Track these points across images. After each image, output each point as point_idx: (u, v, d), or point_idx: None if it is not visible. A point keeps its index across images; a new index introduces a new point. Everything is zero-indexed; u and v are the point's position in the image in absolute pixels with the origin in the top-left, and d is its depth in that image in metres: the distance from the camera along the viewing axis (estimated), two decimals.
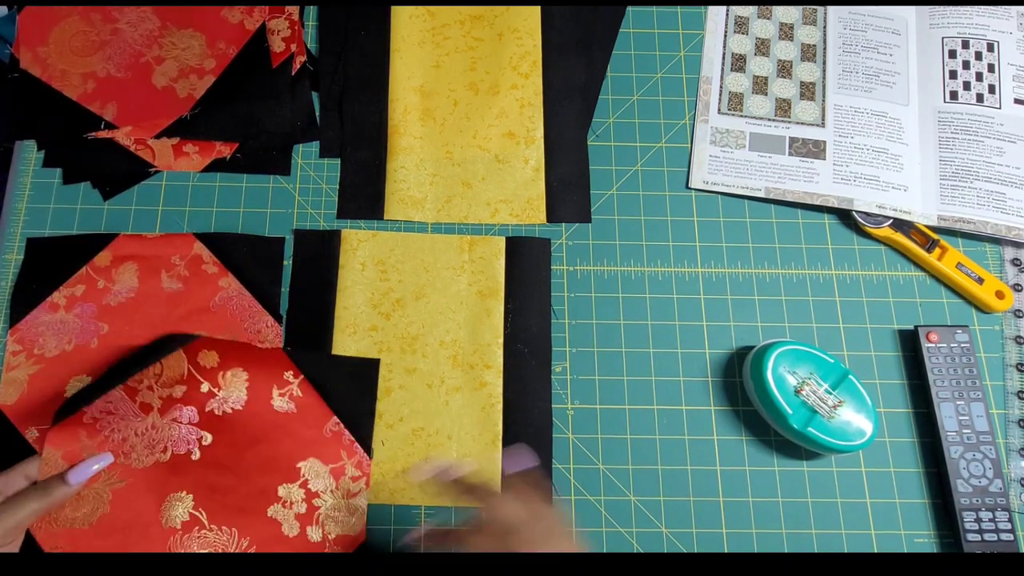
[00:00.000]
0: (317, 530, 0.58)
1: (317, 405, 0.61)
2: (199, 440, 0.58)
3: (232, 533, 0.57)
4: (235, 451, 0.58)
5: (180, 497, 0.57)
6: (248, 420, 0.59)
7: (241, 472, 0.58)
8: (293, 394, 0.60)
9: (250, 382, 0.60)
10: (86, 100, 0.70)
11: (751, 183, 0.71)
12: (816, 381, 0.61)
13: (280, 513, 0.58)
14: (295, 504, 0.58)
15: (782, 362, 0.62)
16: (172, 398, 0.58)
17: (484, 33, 0.74)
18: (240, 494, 0.57)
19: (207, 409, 0.58)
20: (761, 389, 0.61)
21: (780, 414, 0.60)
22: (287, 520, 0.58)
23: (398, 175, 0.69)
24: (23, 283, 0.65)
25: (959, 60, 0.74)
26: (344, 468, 0.60)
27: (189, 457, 0.57)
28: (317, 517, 0.58)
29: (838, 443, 0.59)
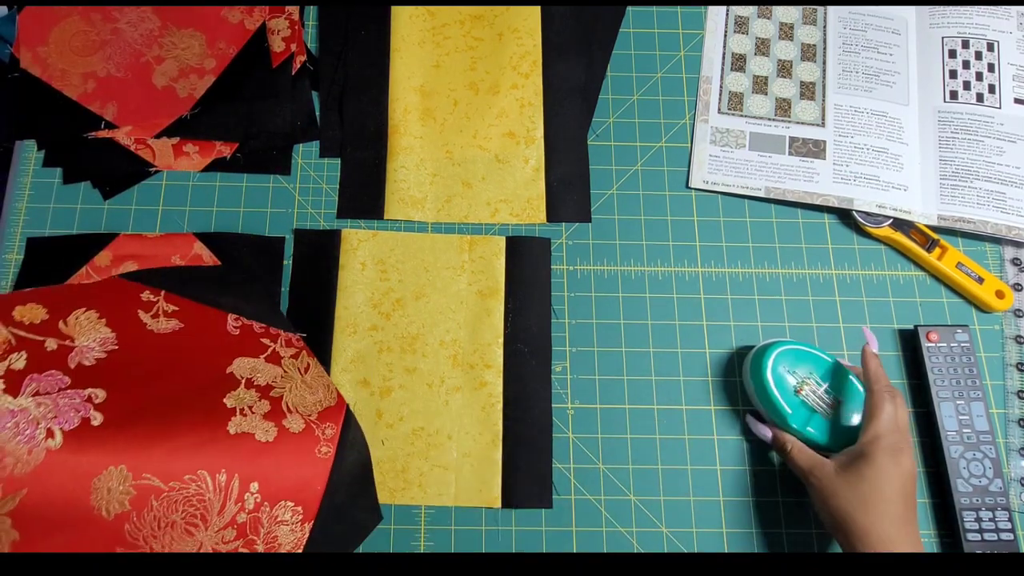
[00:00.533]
0: (296, 419, 0.51)
1: (200, 312, 0.53)
2: (90, 400, 0.46)
3: (201, 476, 0.46)
4: (145, 391, 0.48)
5: (109, 474, 0.45)
6: (134, 354, 0.49)
7: (170, 409, 0.48)
8: (166, 310, 0.52)
9: (105, 317, 0.51)
10: (86, 100, 0.70)
11: (751, 183, 0.71)
12: (816, 381, 0.61)
13: (245, 423, 0.49)
14: (255, 407, 0.50)
15: (782, 362, 0.62)
16: (13, 371, 0.46)
17: (484, 33, 0.74)
18: (183, 434, 0.47)
19: (73, 365, 0.47)
20: (761, 389, 0.61)
21: (780, 414, 0.60)
22: (257, 427, 0.49)
23: (398, 175, 0.69)
24: (23, 283, 0.65)
25: (959, 60, 0.74)
26: (278, 353, 0.53)
27: (89, 425, 0.45)
28: (286, 406, 0.51)
29: (838, 442, 0.59)
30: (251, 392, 0.51)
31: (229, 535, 0.47)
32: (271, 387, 0.51)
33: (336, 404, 0.52)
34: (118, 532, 0.45)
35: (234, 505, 0.47)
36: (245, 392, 0.50)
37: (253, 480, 0.47)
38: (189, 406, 0.48)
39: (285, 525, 0.49)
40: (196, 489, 0.46)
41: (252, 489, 0.47)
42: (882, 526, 0.51)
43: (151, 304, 0.53)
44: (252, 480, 0.47)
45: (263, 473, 0.48)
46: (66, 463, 0.44)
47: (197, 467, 0.46)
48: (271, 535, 0.48)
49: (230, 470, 0.47)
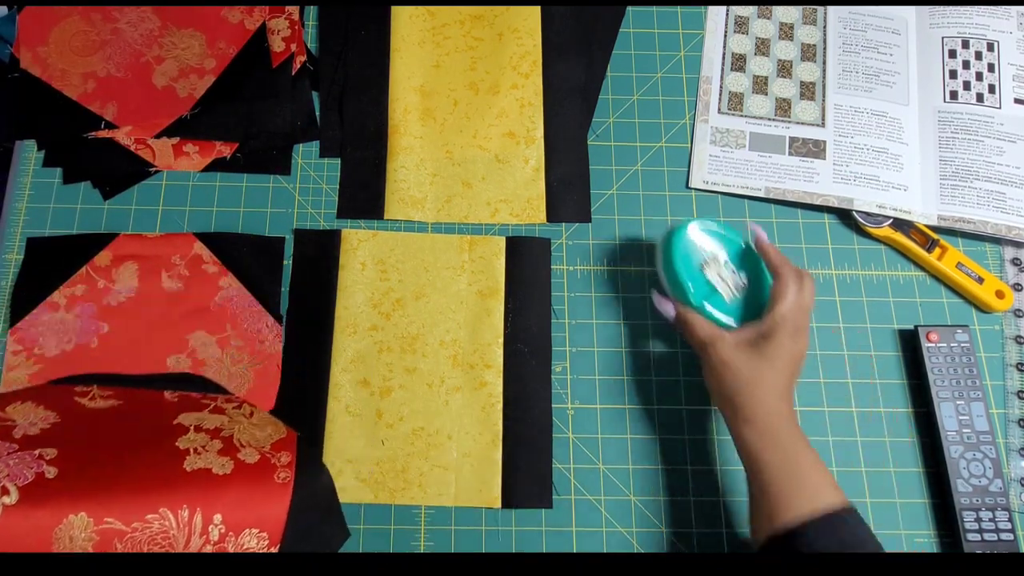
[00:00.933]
0: (250, 452, 0.51)
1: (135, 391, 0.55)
2: (41, 457, 0.46)
3: (163, 514, 0.46)
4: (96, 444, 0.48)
5: (69, 523, 0.45)
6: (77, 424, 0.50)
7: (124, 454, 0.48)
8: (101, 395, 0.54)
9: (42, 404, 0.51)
10: (86, 100, 0.70)
11: (751, 183, 0.71)
12: (723, 262, 0.60)
13: (200, 460, 0.49)
14: (207, 446, 0.50)
15: (692, 240, 0.60)
16: None
17: (484, 33, 0.74)
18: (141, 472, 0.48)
19: (18, 436, 0.48)
20: (667, 263, 0.60)
21: (682, 289, 0.59)
22: (213, 461, 0.50)
23: (398, 175, 0.69)
24: (23, 283, 0.65)
25: (959, 60, 0.74)
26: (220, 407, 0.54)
27: (44, 478, 0.45)
28: (238, 442, 0.52)
29: (737, 324, 0.58)
30: (201, 434, 0.51)
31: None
32: (220, 429, 0.52)
33: (287, 435, 0.53)
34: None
35: (199, 538, 0.47)
36: (195, 435, 0.51)
37: (216, 512, 0.48)
38: (143, 451, 0.49)
39: (252, 551, 0.50)
40: (160, 527, 0.46)
41: (215, 521, 0.48)
42: (769, 400, 0.53)
43: (85, 392, 0.55)
44: (215, 512, 0.48)
45: (225, 504, 0.48)
46: (24, 518, 0.44)
47: (158, 506, 0.47)
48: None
49: (192, 505, 0.47)
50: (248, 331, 0.65)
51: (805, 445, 0.53)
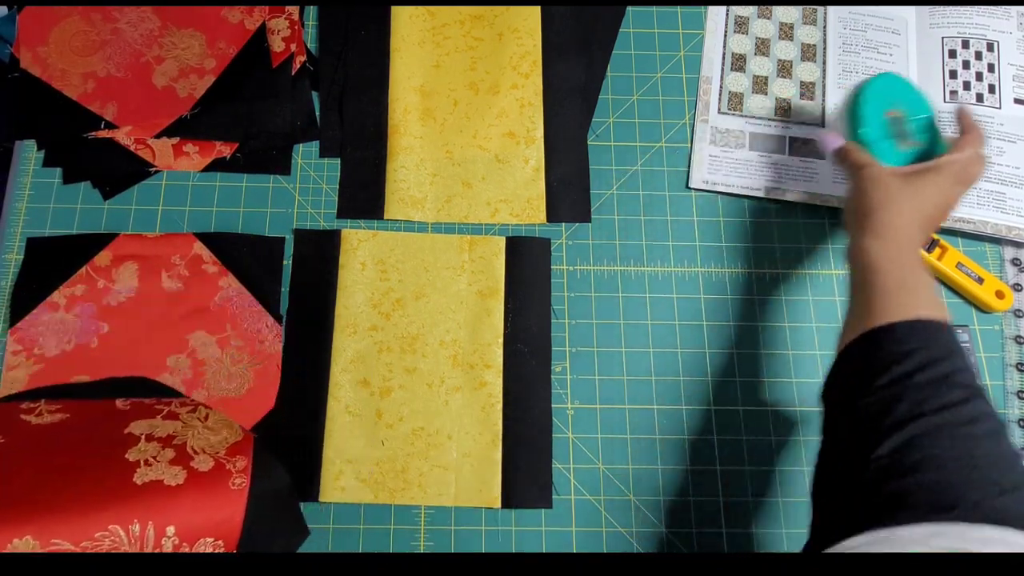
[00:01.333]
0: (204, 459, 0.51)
1: (85, 403, 0.54)
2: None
3: (113, 531, 0.46)
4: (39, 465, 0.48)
5: (14, 548, 0.44)
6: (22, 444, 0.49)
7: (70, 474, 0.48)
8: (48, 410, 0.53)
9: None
10: (86, 100, 0.70)
11: (751, 183, 0.71)
12: (908, 118, 0.62)
13: (151, 472, 0.49)
14: (159, 456, 0.50)
15: (893, 87, 0.63)
16: None
17: (484, 33, 0.74)
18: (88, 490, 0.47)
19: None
20: (861, 97, 0.62)
21: (861, 122, 0.62)
22: (164, 472, 0.49)
23: (398, 175, 0.69)
24: (23, 283, 0.65)
25: (959, 60, 0.74)
26: (173, 411, 0.53)
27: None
28: (191, 449, 0.51)
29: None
30: (153, 444, 0.50)
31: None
32: (173, 436, 0.51)
33: (243, 439, 0.53)
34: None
35: (152, 552, 0.47)
36: (146, 445, 0.50)
37: (168, 524, 0.47)
38: (90, 466, 0.48)
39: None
40: (111, 544, 0.46)
41: (168, 533, 0.47)
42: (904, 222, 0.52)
43: (32, 409, 0.54)
44: (168, 524, 0.47)
45: (177, 516, 0.48)
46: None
47: (107, 522, 0.46)
48: None
49: (143, 519, 0.46)
50: (248, 331, 0.65)
51: (924, 268, 0.51)
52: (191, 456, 0.50)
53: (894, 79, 0.64)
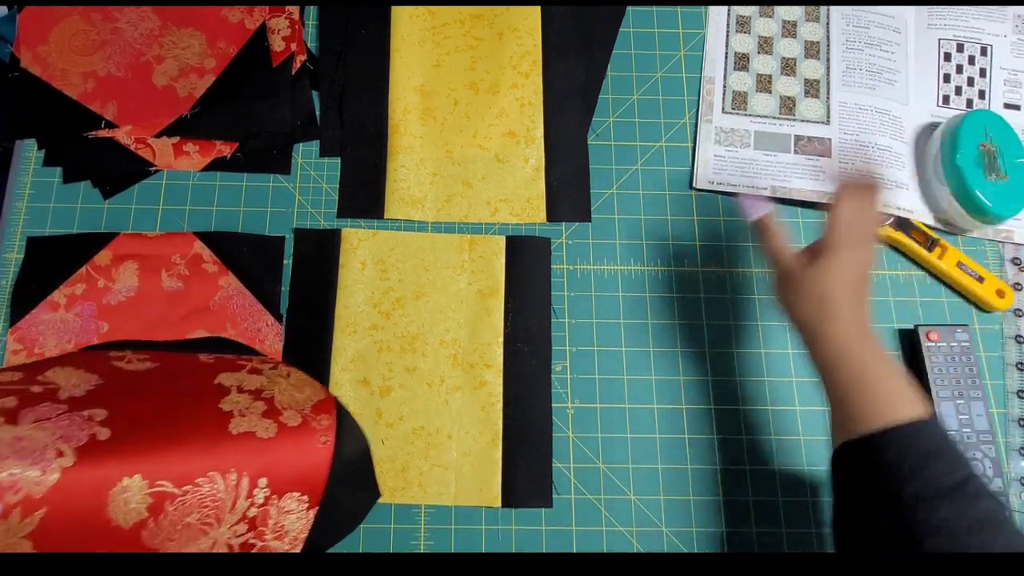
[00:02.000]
0: (292, 415, 0.51)
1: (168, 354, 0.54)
2: (91, 419, 0.44)
3: (212, 478, 0.46)
4: (142, 406, 0.47)
5: (125, 485, 0.43)
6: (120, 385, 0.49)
7: (171, 417, 0.47)
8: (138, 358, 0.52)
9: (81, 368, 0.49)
10: (86, 99, 0.70)
11: (757, 182, 0.71)
12: (1000, 152, 0.67)
13: (244, 423, 0.49)
14: (251, 407, 0.50)
15: (990, 124, 0.68)
16: (7, 408, 0.44)
17: (484, 32, 0.74)
18: (191, 436, 0.47)
19: (64, 397, 0.45)
20: (961, 125, 0.67)
21: (956, 149, 0.66)
22: (257, 424, 0.49)
23: (398, 174, 0.69)
24: (23, 282, 0.65)
25: (953, 64, 0.74)
26: (256, 367, 0.54)
27: (97, 440, 0.43)
28: (280, 404, 0.51)
29: (971, 200, 0.66)
30: (244, 396, 0.50)
31: (241, 529, 0.48)
32: (260, 390, 0.52)
33: (326, 397, 0.53)
34: (135, 540, 0.44)
35: (245, 501, 0.47)
36: (238, 396, 0.50)
37: (262, 476, 0.48)
38: (189, 414, 0.48)
39: (292, 514, 0.50)
40: (209, 490, 0.46)
41: (261, 484, 0.48)
42: (837, 313, 0.51)
43: (121, 356, 0.53)
44: (261, 476, 0.48)
45: (270, 468, 0.48)
46: (82, 479, 0.43)
47: (208, 469, 0.46)
48: (279, 524, 0.49)
49: (239, 469, 0.47)
50: (248, 330, 0.65)
51: (876, 357, 0.50)
52: (280, 411, 0.50)
53: (993, 116, 0.68)
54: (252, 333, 0.65)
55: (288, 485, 0.49)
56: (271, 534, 0.48)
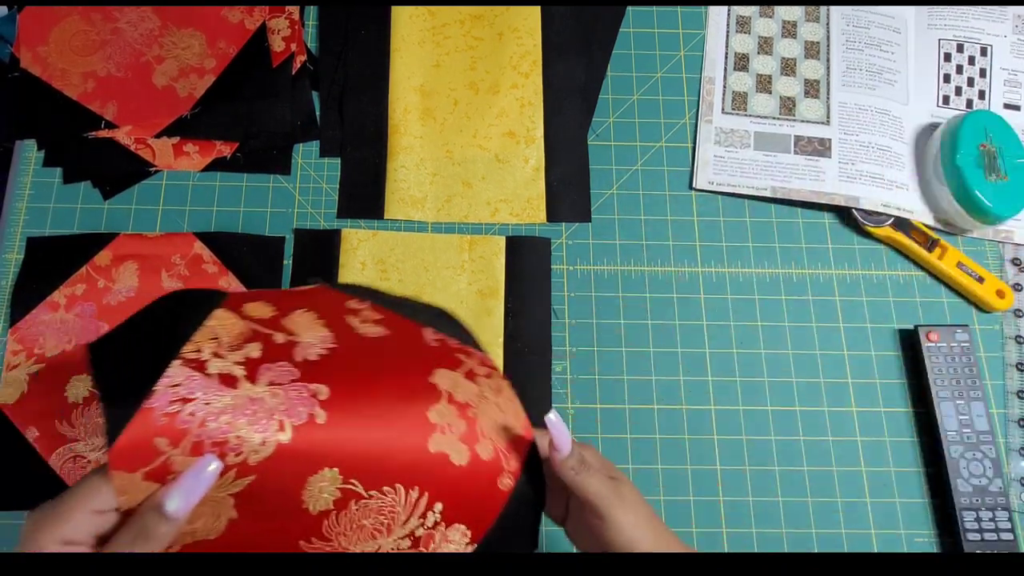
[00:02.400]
0: (487, 445, 0.48)
1: (400, 321, 0.51)
2: (315, 396, 0.43)
3: (397, 490, 0.45)
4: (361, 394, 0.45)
5: (323, 475, 0.43)
6: (349, 355, 0.47)
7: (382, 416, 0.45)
8: (372, 318, 0.50)
9: (322, 317, 0.48)
10: (86, 99, 0.70)
11: (757, 183, 0.71)
12: (1000, 152, 0.67)
13: (444, 442, 0.46)
14: (454, 426, 0.47)
15: (991, 123, 0.68)
16: (251, 359, 0.43)
17: (484, 32, 0.74)
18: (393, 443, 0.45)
19: (299, 359, 0.44)
20: (961, 125, 0.67)
21: (957, 149, 0.66)
22: (453, 448, 0.46)
23: (398, 174, 0.69)
24: (23, 282, 0.65)
25: (953, 64, 0.74)
26: (473, 370, 0.50)
27: (314, 422, 0.43)
28: (479, 430, 0.48)
29: (970, 199, 0.66)
30: (452, 409, 0.47)
31: (404, 544, 0.47)
32: (468, 406, 0.48)
33: (523, 436, 0.49)
34: (317, 527, 0.45)
35: (417, 520, 0.46)
36: (447, 408, 0.47)
37: (439, 500, 0.46)
38: (399, 417, 0.46)
39: (452, 544, 0.48)
40: (391, 500, 0.45)
41: (436, 508, 0.46)
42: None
43: (357, 311, 0.50)
44: (439, 500, 0.46)
45: (449, 495, 0.46)
46: (291, 458, 0.42)
47: (397, 480, 0.45)
48: (438, 551, 0.48)
49: (423, 488, 0.46)
50: None
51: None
52: (477, 438, 0.47)
53: (993, 116, 0.68)
54: None
55: (459, 516, 0.47)
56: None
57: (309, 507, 0.43)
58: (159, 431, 0.39)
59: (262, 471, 0.41)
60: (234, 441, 0.40)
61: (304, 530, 0.44)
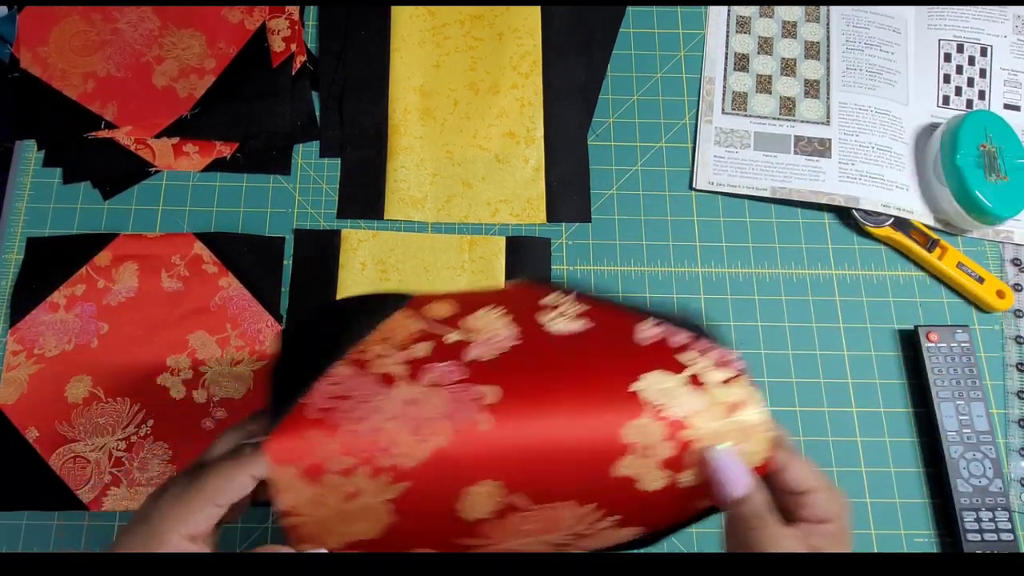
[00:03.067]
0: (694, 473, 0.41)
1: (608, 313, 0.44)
2: (480, 400, 0.39)
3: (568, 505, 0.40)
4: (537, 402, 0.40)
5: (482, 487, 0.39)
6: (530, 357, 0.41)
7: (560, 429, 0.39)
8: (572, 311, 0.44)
9: (510, 314, 0.44)
10: (86, 100, 0.70)
11: (757, 183, 0.71)
12: (1000, 152, 0.67)
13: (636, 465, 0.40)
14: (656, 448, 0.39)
15: (990, 123, 0.68)
16: (416, 359, 0.40)
17: (484, 33, 0.74)
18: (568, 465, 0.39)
19: (468, 359, 0.41)
20: (960, 127, 0.67)
21: (956, 150, 0.66)
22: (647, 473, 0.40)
23: (398, 175, 0.69)
24: (23, 283, 0.65)
25: (953, 64, 0.74)
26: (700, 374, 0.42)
27: (476, 428, 0.39)
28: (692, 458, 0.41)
29: (970, 199, 0.66)
30: (658, 427, 0.39)
31: (564, 540, 0.43)
32: (683, 427, 0.39)
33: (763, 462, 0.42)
34: (471, 530, 0.42)
35: (586, 526, 0.42)
36: (651, 425, 0.39)
37: (617, 514, 0.41)
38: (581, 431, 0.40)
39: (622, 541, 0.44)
40: (559, 513, 0.41)
41: (612, 518, 0.41)
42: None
43: (555, 306, 0.45)
44: (616, 514, 0.41)
45: (628, 515, 0.42)
46: (447, 465, 0.39)
47: (568, 498, 0.40)
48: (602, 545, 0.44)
49: (600, 505, 0.40)
50: (248, 331, 0.65)
51: None
52: (685, 465, 0.40)
53: (993, 116, 0.68)
54: (252, 334, 0.65)
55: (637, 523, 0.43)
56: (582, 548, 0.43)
57: (464, 514, 0.40)
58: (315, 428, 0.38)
59: (414, 477, 0.38)
60: (384, 441, 0.38)
61: (459, 533, 0.41)
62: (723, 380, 0.40)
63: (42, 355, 0.63)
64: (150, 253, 0.67)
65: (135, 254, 0.66)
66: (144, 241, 0.67)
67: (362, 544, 0.41)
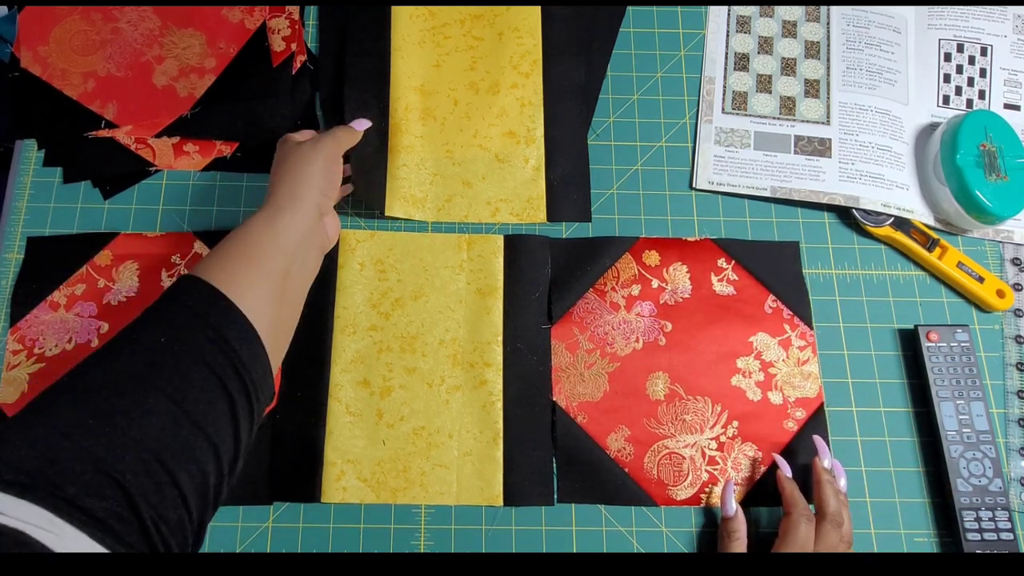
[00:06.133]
0: (777, 395, 0.65)
1: (753, 286, 0.68)
2: (662, 328, 0.66)
3: (705, 401, 0.65)
4: (692, 334, 0.66)
5: (658, 376, 0.65)
6: (696, 306, 0.67)
7: (701, 351, 0.66)
8: (729, 278, 0.68)
9: (691, 272, 0.68)
10: (86, 99, 0.70)
11: (757, 183, 0.71)
12: (1000, 152, 0.67)
13: (742, 382, 0.65)
14: (753, 374, 0.65)
15: (990, 123, 0.68)
16: (632, 296, 0.67)
17: (484, 32, 0.74)
18: (704, 370, 0.66)
19: (661, 301, 0.67)
20: (959, 127, 0.67)
21: (956, 150, 0.67)
22: (749, 388, 0.65)
23: (399, 174, 0.69)
24: (23, 282, 0.66)
25: (953, 64, 0.74)
26: (790, 340, 0.67)
27: (657, 343, 0.66)
28: (775, 383, 0.65)
29: (970, 200, 0.66)
30: (756, 362, 0.66)
31: (712, 445, 0.64)
32: (771, 364, 0.66)
33: (815, 396, 0.65)
34: (654, 409, 0.64)
35: (720, 428, 0.64)
36: (753, 361, 0.66)
37: (735, 419, 0.64)
38: (714, 356, 0.66)
39: (747, 457, 0.63)
40: (700, 406, 0.64)
41: (733, 424, 0.64)
42: None
43: (721, 270, 0.68)
44: (735, 419, 0.64)
45: (743, 419, 0.64)
46: (640, 360, 0.66)
47: (706, 394, 0.65)
48: (736, 460, 0.63)
49: (724, 407, 0.65)
50: None
51: None
52: (771, 388, 0.65)
53: (993, 116, 0.68)
54: None
55: (750, 437, 0.64)
56: (730, 461, 0.63)
57: (649, 393, 0.65)
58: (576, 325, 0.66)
59: (623, 362, 0.65)
60: (610, 340, 0.66)
61: (647, 412, 0.64)
62: (800, 347, 0.66)
63: (42, 354, 0.63)
64: (150, 252, 0.67)
65: (135, 253, 0.67)
66: (144, 240, 0.67)
67: (589, 405, 0.64)
